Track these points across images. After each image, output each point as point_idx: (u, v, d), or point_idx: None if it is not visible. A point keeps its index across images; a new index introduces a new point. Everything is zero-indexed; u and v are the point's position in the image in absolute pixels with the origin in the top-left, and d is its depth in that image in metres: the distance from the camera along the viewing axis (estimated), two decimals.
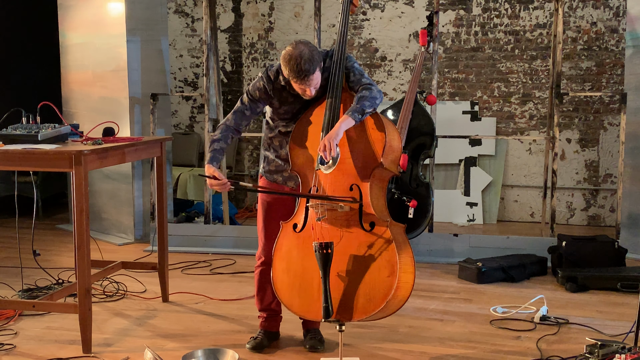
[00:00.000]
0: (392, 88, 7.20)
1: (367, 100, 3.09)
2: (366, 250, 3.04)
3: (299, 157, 3.25)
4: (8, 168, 3.57)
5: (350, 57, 3.31)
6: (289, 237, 3.22)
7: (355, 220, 3.08)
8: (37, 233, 5.18)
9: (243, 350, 3.42)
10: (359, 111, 3.07)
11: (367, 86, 3.16)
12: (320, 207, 3.11)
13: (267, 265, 3.38)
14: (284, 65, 3.10)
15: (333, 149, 3.01)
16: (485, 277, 4.67)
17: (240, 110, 3.32)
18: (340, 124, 3.05)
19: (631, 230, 5.46)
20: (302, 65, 3.03)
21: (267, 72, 3.28)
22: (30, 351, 3.44)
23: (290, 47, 3.08)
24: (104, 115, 5.59)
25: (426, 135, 5.12)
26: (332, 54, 3.27)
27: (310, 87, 3.14)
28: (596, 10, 6.62)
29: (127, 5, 5.82)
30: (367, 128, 3.14)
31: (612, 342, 3.15)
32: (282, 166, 3.38)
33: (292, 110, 3.31)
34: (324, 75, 3.24)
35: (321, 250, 2.98)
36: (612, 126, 6.63)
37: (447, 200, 6.82)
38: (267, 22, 7.54)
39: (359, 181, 3.11)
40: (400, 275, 2.96)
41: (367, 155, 3.12)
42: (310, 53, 3.06)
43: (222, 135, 3.30)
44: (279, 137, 3.38)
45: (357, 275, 3.04)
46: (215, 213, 6.41)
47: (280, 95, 3.29)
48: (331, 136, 3.02)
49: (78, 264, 3.40)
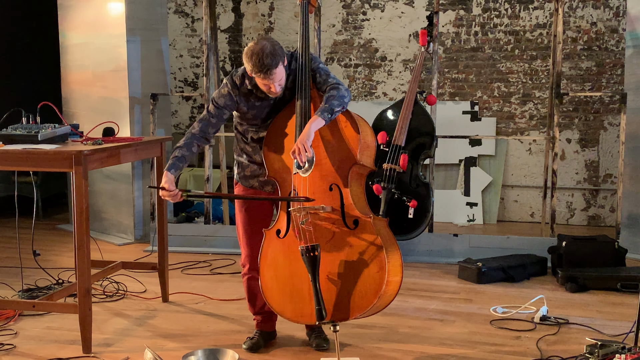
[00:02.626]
0: (392, 88, 7.20)
1: (336, 99, 3.09)
2: (353, 248, 3.06)
3: (274, 162, 3.24)
4: (8, 168, 3.56)
5: (315, 57, 3.29)
6: (273, 244, 3.22)
7: (338, 219, 3.09)
8: (37, 233, 5.18)
9: (243, 350, 3.42)
10: (328, 111, 3.06)
11: (334, 86, 3.15)
12: (303, 210, 3.10)
13: (252, 271, 3.37)
14: (246, 61, 3.08)
15: (308, 150, 3.00)
16: (485, 277, 4.67)
17: (205, 118, 3.28)
18: (309, 125, 3.04)
19: (631, 230, 5.46)
20: (264, 59, 3.01)
21: (232, 78, 3.26)
22: (30, 351, 3.44)
23: (252, 43, 3.08)
24: (104, 115, 5.59)
25: (426, 135, 5.12)
26: (296, 55, 3.26)
27: (275, 83, 3.11)
28: (596, 10, 6.62)
29: (127, 5, 5.81)
30: (340, 127, 3.15)
31: (612, 342, 3.15)
32: (258, 170, 3.35)
33: (261, 115, 3.29)
34: (291, 78, 3.24)
35: (308, 253, 2.99)
36: (612, 126, 6.63)
37: (447, 200, 6.82)
38: (267, 22, 7.54)
39: (338, 180, 3.12)
40: (390, 269, 2.98)
41: (343, 154, 3.12)
42: (272, 47, 3.05)
43: (185, 143, 3.24)
44: (251, 144, 3.35)
45: (346, 274, 3.05)
46: (215, 213, 6.41)
47: (247, 99, 3.26)
48: (302, 139, 3.01)
49: (78, 264, 3.40)
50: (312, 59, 3.25)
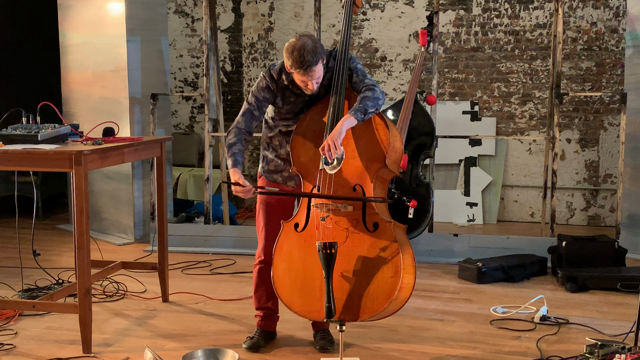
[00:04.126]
0: (392, 88, 7.20)
1: (370, 100, 3.10)
2: (370, 250, 3.04)
3: (300, 156, 3.24)
4: (8, 168, 3.56)
5: (354, 57, 3.32)
6: (290, 236, 3.22)
7: (359, 220, 3.08)
8: (37, 233, 5.19)
9: (243, 350, 3.41)
10: (361, 111, 3.07)
11: (370, 87, 3.16)
12: (325, 206, 3.11)
13: (266, 264, 3.38)
14: (287, 57, 3.09)
15: (338, 148, 3.01)
16: (485, 277, 4.67)
17: (249, 111, 3.30)
18: (342, 122, 3.05)
19: (631, 230, 5.46)
20: (306, 56, 3.03)
21: (270, 71, 3.28)
22: (30, 351, 3.44)
23: (294, 39, 3.09)
24: (104, 115, 5.59)
25: (426, 135, 5.12)
26: (335, 54, 3.29)
27: (313, 81, 3.13)
28: (596, 10, 6.62)
29: (127, 5, 5.81)
30: (373, 128, 3.15)
31: (612, 342, 3.15)
32: (282, 166, 3.38)
33: (294, 110, 3.31)
34: (327, 76, 3.25)
35: (325, 250, 2.97)
36: (612, 126, 6.63)
37: (447, 200, 6.82)
38: (267, 22, 7.54)
39: (363, 182, 3.11)
40: (404, 276, 2.97)
41: (372, 156, 3.12)
42: (313, 44, 3.07)
43: (237, 138, 3.26)
44: (278, 137, 3.37)
45: (360, 275, 3.04)
46: (215, 213, 6.41)
47: (283, 94, 3.29)
48: (334, 136, 3.02)
49: (78, 264, 3.40)
50: (350, 59, 3.27)
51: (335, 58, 3.27)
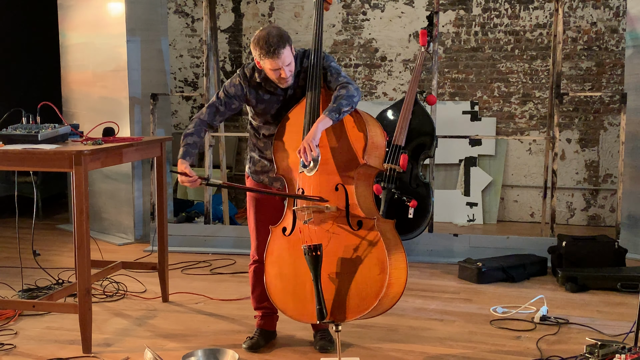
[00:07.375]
0: (392, 88, 7.20)
1: (344, 99, 3.07)
2: (356, 249, 3.04)
3: (282, 160, 3.25)
4: (8, 168, 3.57)
5: (327, 56, 3.29)
6: (279, 241, 3.22)
7: (342, 220, 3.08)
8: (37, 233, 5.19)
9: (243, 350, 3.42)
10: (336, 110, 3.05)
11: (344, 85, 3.14)
12: (307, 209, 3.10)
13: (260, 263, 3.38)
14: (254, 48, 3.10)
15: (313, 149, 2.99)
16: (485, 277, 4.67)
17: (214, 104, 3.31)
18: (317, 124, 3.03)
19: (631, 230, 5.46)
20: (271, 41, 3.04)
21: (244, 70, 3.30)
22: (30, 351, 3.44)
23: (258, 31, 3.13)
24: (104, 115, 5.59)
25: (426, 135, 5.12)
26: (309, 54, 3.27)
27: (285, 68, 3.11)
28: (596, 10, 6.62)
29: (127, 5, 5.81)
30: (347, 127, 3.13)
31: (612, 342, 3.15)
32: (268, 167, 3.37)
33: (270, 111, 3.30)
34: (302, 76, 3.24)
35: (310, 253, 2.98)
36: (612, 126, 6.63)
37: (447, 200, 6.82)
38: (267, 22, 7.53)
39: (344, 180, 3.10)
40: (392, 272, 2.96)
41: (349, 155, 3.11)
42: (278, 31, 3.09)
43: (196, 129, 3.27)
44: (262, 139, 3.37)
45: (348, 275, 3.04)
46: (215, 213, 6.41)
47: (256, 92, 3.28)
48: (308, 138, 3.01)
49: (78, 264, 3.40)
50: (324, 57, 3.25)
51: (309, 57, 3.25)
